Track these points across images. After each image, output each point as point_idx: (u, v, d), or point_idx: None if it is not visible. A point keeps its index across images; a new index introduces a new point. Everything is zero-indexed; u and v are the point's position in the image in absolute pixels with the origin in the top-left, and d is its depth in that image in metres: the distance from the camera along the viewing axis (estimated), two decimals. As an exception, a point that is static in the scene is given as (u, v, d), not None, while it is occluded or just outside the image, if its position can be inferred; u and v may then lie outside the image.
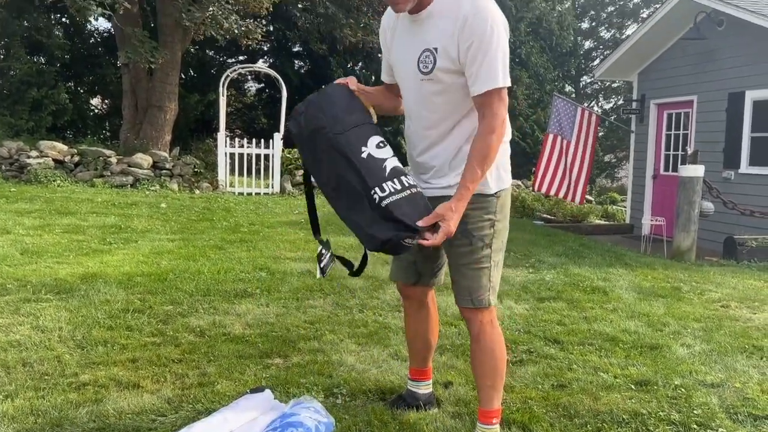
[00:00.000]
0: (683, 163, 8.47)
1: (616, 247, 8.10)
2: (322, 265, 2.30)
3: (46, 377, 2.89)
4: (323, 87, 2.34)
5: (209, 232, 7.24)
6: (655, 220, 9.40)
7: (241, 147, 12.67)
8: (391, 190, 2.08)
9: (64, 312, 3.84)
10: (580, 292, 5.07)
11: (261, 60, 20.93)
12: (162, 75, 13.23)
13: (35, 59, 15.80)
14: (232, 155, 12.50)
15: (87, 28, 17.89)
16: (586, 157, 10.64)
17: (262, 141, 12.66)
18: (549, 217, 12.11)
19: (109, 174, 11.60)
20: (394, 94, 2.48)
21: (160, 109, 13.41)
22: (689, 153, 8.11)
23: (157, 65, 12.51)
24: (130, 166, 11.76)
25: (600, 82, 23.38)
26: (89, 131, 16.82)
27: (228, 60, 20.24)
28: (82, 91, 18.27)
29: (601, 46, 24.83)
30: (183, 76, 16.53)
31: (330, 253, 2.32)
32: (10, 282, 4.46)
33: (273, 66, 18.78)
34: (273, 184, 12.63)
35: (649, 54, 10.80)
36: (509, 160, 2.37)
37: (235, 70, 14.43)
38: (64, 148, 11.78)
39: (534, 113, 19.34)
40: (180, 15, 12.16)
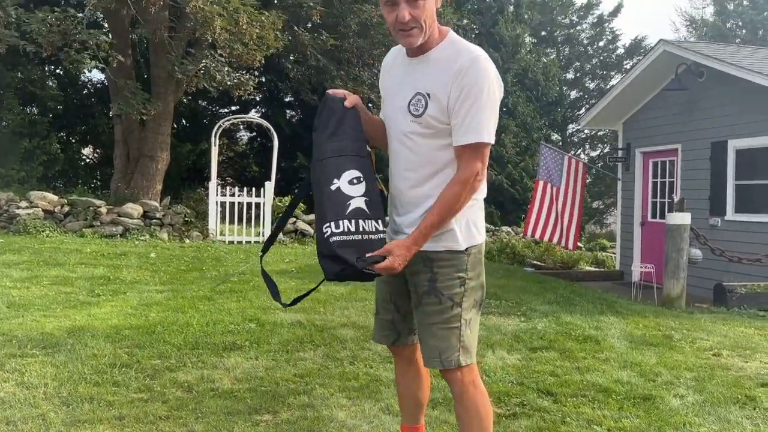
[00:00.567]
0: (670, 210, 8.58)
1: (606, 294, 8.10)
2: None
3: (30, 437, 2.83)
4: (326, 92, 2.36)
5: (198, 282, 7.20)
6: (645, 267, 9.44)
7: (233, 195, 12.71)
8: (345, 230, 2.08)
9: (50, 368, 3.77)
10: (573, 341, 5.05)
11: (253, 110, 21.20)
12: (154, 125, 13.36)
13: (28, 110, 15.92)
14: (223, 204, 12.54)
15: (80, 79, 18.13)
16: (576, 203, 10.75)
17: (254, 189, 12.72)
18: (539, 263, 12.15)
19: (99, 224, 11.56)
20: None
21: (151, 158, 13.48)
22: (676, 201, 8.22)
23: (149, 116, 12.65)
24: (120, 215, 11.73)
25: (586, 131, 23.82)
26: (80, 181, 16.85)
27: (220, 110, 20.47)
28: (74, 141, 18.38)
29: (586, 96, 25.39)
30: (175, 126, 16.65)
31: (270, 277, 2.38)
32: (-5, 336, 4.39)
33: (265, 116, 19.03)
34: (264, 233, 12.63)
35: (633, 104, 11.05)
36: (483, 216, 2.32)
37: (227, 120, 14.59)
38: (54, 198, 11.77)
39: (522, 160, 19.64)
40: (173, 68, 12.35)
